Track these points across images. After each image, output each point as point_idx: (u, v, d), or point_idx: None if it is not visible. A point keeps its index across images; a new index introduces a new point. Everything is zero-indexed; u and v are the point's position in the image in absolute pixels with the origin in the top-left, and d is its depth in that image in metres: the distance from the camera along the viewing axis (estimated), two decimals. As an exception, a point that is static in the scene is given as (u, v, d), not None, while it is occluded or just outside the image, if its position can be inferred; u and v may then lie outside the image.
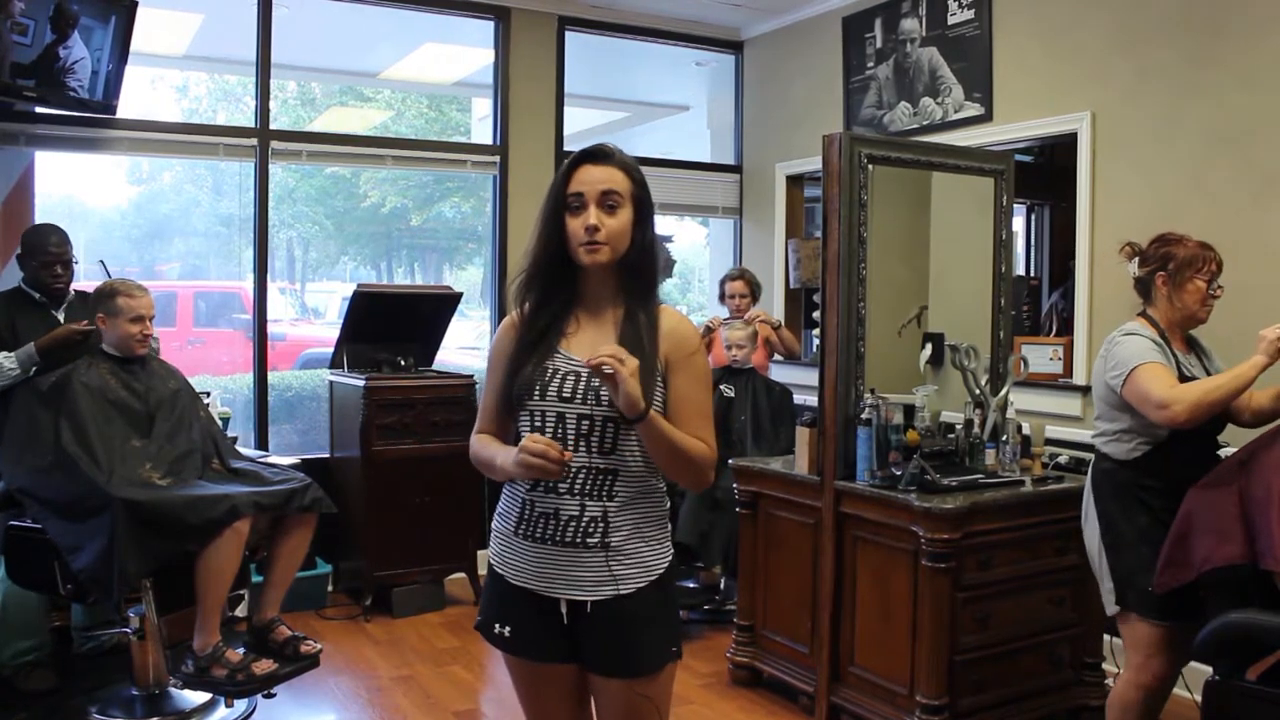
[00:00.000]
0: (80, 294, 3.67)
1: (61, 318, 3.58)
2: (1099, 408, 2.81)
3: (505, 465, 1.76)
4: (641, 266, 1.81)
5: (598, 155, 1.79)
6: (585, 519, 1.76)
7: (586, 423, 1.75)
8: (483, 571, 5.01)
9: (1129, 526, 2.72)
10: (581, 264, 1.76)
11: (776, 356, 4.98)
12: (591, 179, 1.76)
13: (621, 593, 1.77)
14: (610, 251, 1.75)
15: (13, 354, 3.38)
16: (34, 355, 3.36)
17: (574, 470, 1.75)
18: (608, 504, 1.77)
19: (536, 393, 1.77)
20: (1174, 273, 2.73)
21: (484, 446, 1.88)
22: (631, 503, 1.79)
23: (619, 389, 1.64)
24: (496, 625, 1.84)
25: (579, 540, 1.76)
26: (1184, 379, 2.67)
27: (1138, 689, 2.72)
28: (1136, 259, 2.83)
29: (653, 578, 1.81)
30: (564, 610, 1.79)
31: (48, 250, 3.55)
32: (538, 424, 1.78)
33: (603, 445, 1.76)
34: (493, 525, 1.90)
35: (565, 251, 1.78)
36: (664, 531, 1.86)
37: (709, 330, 4.73)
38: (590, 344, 1.77)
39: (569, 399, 1.75)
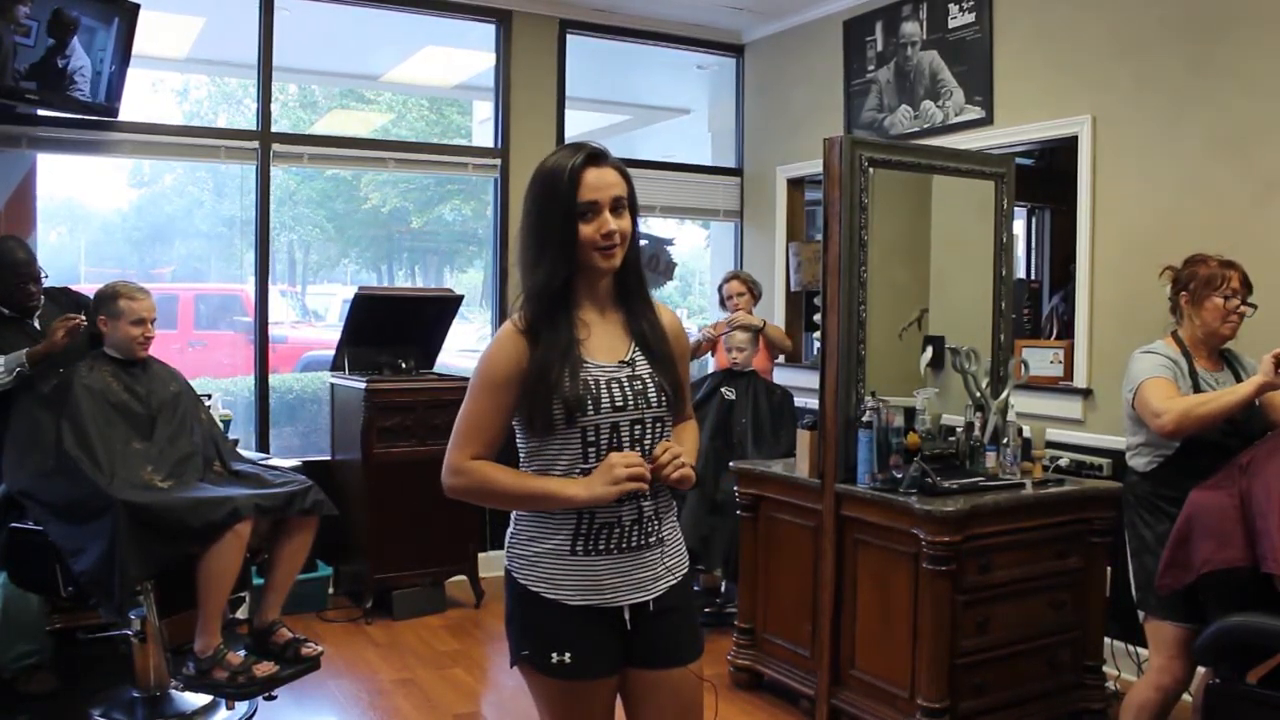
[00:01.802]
0: (50, 295, 3.59)
1: (37, 325, 3.49)
2: (1124, 423, 2.95)
3: (583, 494, 1.70)
4: (636, 263, 1.84)
5: (599, 157, 1.77)
6: (644, 519, 1.79)
7: (639, 427, 1.77)
8: (484, 574, 5.01)
9: (1150, 533, 2.84)
10: (598, 268, 1.76)
11: (780, 360, 4.98)
12: (601, 184, 1.74)
13: (674, 582, 1.84)
14: (623, 251, 1.77)
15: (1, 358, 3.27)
16: (21, 359, 3.25)
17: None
18: (657, 502, 1.82)
19: (590, 407, 1.73)
20: (1194, 291, 2.85)
21: (504, 477, 1.76)
22: (666, 496, 1.86)
23: (688, 479, 1.75)
24: (554, 654, 1.75)
25: (642, 542, 1.79)
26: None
27: (1157, 690, 2.80)
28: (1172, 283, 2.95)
29: (687, 564, 1.90)
30: (627, 617, 1.78)
31: (19, 271, 3.45)
32: (590, 438, 1.74)
33: (652, 445, 1.78)
34: (522, 550, 1.80)
35: (574, 260, 1.75)
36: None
37: (709, 339, 4.70)
38: (606, 347, 1.79)
39: (621, 407, 1.76)
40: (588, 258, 1.75)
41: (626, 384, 1.77)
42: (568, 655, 1.75)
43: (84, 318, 3.35)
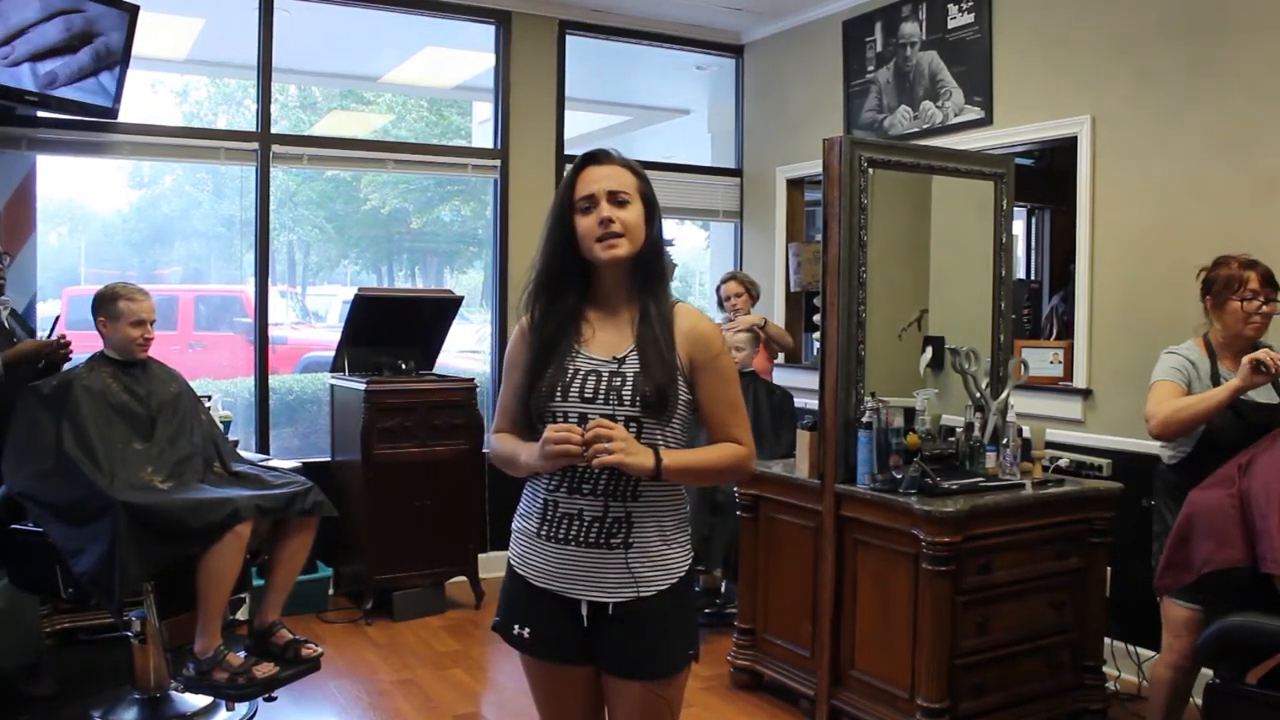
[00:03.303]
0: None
1: (5, 324, 3.47)
2: None
3: (530, 462, 1.78)
4: (654, 262, 1.83)
5: (600, 156, 1.83)
6: (609, 519, 1.77)
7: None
8: (485, 574, 5.03)
9: (1173, 520, 2.87)
10: (600, 261, 1.77)
11: (779, 360, 4.97)
12: (598, 178, 1.79)
13: (642, 594, 1.77)
14: (629, 244, 1.77)
15: None
16: None
17: (598, 470, 1.73)
18: (630, 504, 1.78)
19: (559, 394, 1.77)
20: (1216, 295, 2.89)
21: (505, 444, 1.89)
22: (655, 503, 1.80)
23: (627, 466, 1.68)
24: (515, 626, 1.84)
25: (602, 541, 1.77)
26: None
27: (1167, 668, 2.88)
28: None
29: (673, 580, 1.81)
30: (584, 612, 1.78)
31: None
32: (557, 423, 1.76)
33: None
34: (514, 525, 1.90)
35: (575, 256, 1.79)
36: (685, 534, 1.86)
37: None
38: (609, 345, 1.80)
39: (590, 399, 1.76)
40: (590, 251, 1.77)
41: (605, 378, 1.76)
42: (526, 630, 1.83)
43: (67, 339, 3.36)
